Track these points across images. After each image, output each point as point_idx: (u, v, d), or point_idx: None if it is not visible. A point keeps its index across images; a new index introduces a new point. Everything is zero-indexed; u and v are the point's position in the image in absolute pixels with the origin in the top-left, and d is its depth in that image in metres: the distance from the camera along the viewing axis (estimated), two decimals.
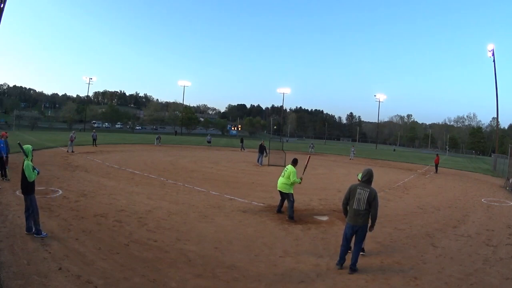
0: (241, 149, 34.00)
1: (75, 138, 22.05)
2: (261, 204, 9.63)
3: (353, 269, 5.26)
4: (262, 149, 21.42)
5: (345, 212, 5.44)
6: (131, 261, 5.10)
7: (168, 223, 7.30)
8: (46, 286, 4.12)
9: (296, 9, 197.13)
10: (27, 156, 6.02)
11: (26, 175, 5.89)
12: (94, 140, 27.66)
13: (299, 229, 7.36)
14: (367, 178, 5.35)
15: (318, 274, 5.10)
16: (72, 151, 21.03)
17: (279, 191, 8.44)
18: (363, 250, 6.01)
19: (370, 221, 5.29)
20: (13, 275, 4.32)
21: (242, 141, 36.01)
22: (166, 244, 5.96)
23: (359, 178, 5.81)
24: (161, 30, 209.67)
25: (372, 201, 5.20)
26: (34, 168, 6.02)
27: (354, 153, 32.80)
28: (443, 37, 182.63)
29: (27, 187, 5.97)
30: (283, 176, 8.36)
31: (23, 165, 6.00)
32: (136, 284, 4.40)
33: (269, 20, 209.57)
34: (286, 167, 8.58)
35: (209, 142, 39.43)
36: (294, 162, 8.59)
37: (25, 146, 6.13)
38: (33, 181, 6.01)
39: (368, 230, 5.34)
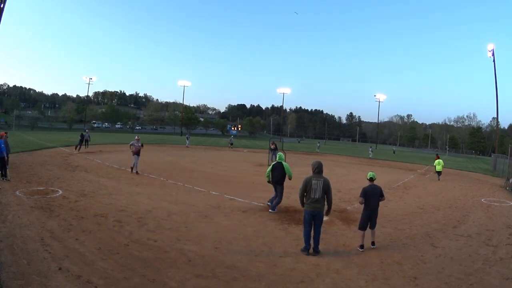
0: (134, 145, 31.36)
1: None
2: (261, 204, 9.62)
3: (316, 251, 5.83)
4: (276, 148, 22.01)
5: (302, 202, 5.96)
6: (131, 261, 5.10)
7: (168, 223, 7.30)
8: (46, 286, 4.12)
9: (296, 9, 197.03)
10: (284, 160, 8.93)
11: (287, 173, 8.71)
12: (86, 141, 24.21)
13: (299, 229, 7.34)
14: (319, 170, 5.92)
15: (318, 274, 5.09)
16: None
17: (439, 171, 18.16)
18: (373, 244, 6.33)
19: (326, 206, 5.94)
20: (13, 275, 4.32)
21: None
22: (166, 244, 5.96)
23: (368, 178, 6.52)
24: (161, 30, 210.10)
25: (327, 189, 5.82)
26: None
27: (372, 152, 37.55)
28: (443, 37, 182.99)
29: (282, 180, 8.71)
30: (440, 165, 18.07)
31: (281, 165, 8.73)
32: (136, 284, 4.39)
33: (269, 20, 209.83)
34: (439, 160, 18.27)
35: (231, 144, 37.81)
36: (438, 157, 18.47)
37: (280, 154, 9.07)
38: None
39: (324, 214, 5.94)
